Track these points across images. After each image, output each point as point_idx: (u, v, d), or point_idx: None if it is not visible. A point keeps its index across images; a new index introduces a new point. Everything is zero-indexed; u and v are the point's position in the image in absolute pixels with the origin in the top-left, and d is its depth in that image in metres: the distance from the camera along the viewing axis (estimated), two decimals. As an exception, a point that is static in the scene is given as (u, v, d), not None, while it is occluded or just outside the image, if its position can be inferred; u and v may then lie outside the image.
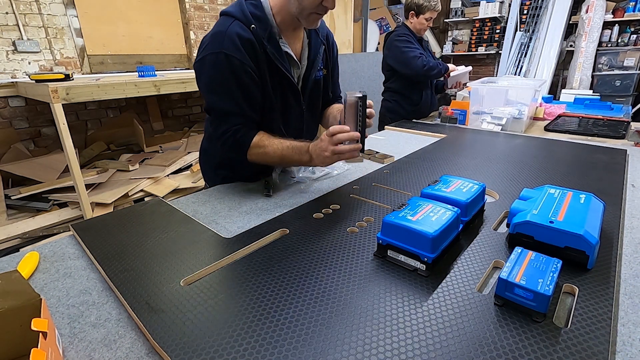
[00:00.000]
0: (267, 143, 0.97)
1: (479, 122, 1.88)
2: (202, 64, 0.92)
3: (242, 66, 0.90)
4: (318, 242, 0.73)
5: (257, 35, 0.92)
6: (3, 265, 0.71)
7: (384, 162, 1.28)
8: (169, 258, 0.69)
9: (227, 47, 0.89)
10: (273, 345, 0.48)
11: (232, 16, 0.92)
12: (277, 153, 0.96)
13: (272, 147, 0.96)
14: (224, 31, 0.90)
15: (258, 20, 0.93)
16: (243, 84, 0.92)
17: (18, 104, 2.87)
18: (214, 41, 0.90)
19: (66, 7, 3.04)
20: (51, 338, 0.45)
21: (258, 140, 0.97)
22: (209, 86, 0.93)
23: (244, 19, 0.92)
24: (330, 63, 1.17)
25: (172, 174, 2.94)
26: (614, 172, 1.11)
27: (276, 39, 0.96)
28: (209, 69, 0.91)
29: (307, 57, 1.06)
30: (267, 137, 0.98)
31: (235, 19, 0.91)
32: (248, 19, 0.92)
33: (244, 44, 0.90)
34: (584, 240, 0.61)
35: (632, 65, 4.56)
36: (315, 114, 1.20)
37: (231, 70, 0.90)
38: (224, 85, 0.92)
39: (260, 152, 0.97)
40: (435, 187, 0.83)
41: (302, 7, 0.91)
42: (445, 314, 0.53)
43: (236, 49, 0.89)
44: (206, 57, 0.91)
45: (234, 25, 0.90)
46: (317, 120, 1.23)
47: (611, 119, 1.89)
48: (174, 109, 3.90)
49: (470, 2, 5.84)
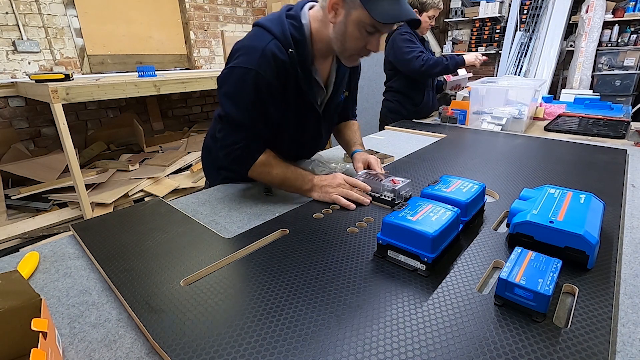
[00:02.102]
0: (273, 164, 0.96)
1: (479, 122, 1.88)
2: (231, 73, 0.88)
3: (269, 87, 0.88)
4: (318, 242, 0.73)
5: (292, 59, 0.89)
6: (3, 265, 0.71)
7: (384, 162, 1.28)
8: (169, 258, 0.69)
9: (261, 66, 0.85)
10: (273, 346, 0.48)
11: (272, 33, 0.88)
12: (280, 176, 0.96)
13: (276, 169, 0.96)
14: (261, 48, 0.86)
15: (297, 44, 0.89)
16: (264, 104, 0.90)
17: (18, 104, 2.87)
18: (249, 55, 0.87)
19: (66, 7, 3.04)
20: (51, 338, 0.45)
21: (264, 159, 0.95)
22: (231, 96, 0.90)
23: (283, 40, 0.88)
24: (352, 85, 1.17)
25: (172, 174, 2.94)
26: (614, 172, 1.11)
27: (309, 67, 0.94)
28: (236, 80, 0.88)
29: (333, 82, 1.05)
30: (273, 157, 0.97)
31: (275, 37, 0.87)
32: (287, 41, 0.88)
33: (278, 66, 0.87)
34: (584, 240, 0.61)
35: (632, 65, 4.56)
36: (329, 130, 1.20)
37: (257, 90, 0.87)
38: (246, 101, 0.89)
39: (264, 171, 0.96)
40: (435, 187, 0.83)
41: (345, 48, 0.89)
42: (445, 314, 0.53)
43: (269, 70, 0.86)
44: (237, 68, 0.87)
45: (272, 44, 0.86)
46: (329, 134, 1.23)
47: (611, 118, 1.89)
48: (174, 109, 3.90)
49: (470, 2, 5.84)
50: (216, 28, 4.17)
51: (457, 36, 6.18)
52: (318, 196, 0.94)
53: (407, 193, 0.92)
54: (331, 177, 0.95)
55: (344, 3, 0.84)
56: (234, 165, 0.97)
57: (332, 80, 1.04)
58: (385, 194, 0.91)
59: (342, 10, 0.84)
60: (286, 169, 0.96)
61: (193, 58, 4.04)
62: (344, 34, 0.87)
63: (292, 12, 0.92)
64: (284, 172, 0.96)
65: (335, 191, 0.92)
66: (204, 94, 4.10)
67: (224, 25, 4.25)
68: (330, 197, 0.92)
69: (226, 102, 0.91)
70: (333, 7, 0.85)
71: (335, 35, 0.88)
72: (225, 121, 0.92)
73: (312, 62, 0.95)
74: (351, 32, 0.86)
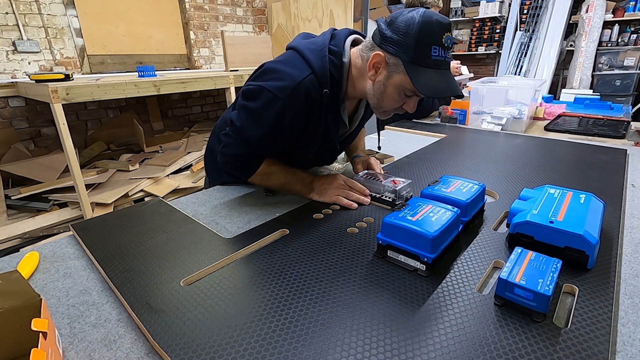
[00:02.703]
0: (272, 170, 0.95)
1: (479, 122, 1.88)
2: (260, 91, 0.83)
3: (291, 121, 0.84)
4: (318, 242, 0.73)
5: (325, 99, 0.85)
6: (3, 265, 0.71)
7: (383, 162, 1.28)
8: (169, 258, 0.69)
9: (291, 99, 0.81)
10: (273, 346, 0.48)
11: (311, 67, 0.82)
12: (280, 180, 0.96)
13: (275, 175, 0.95)
14: (296, 81, 0.80)
15: (333, 84, 0.85)
16: (280, 133, 0.87)
17: (18, 104, 2.87)
18: (283, 82, 0.81)
19: (66, 7, 3.04)
20: (51, 338, 0.45)
21: (263, 168, 0.94)
22: (251, 112, 0.85)
23: (321, 78, 0.83)
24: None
25: (172, 174, 2.94)
26: (614, 172, 1.11)
27: (339, 107, 0.91)
28: (261, 101, 0.83)
29: (359, 119, 1.02)
30: (273, 163, 0.96)
31: (314, 73, 0.82)
32: (325, 80, 0.83)
33: (309, 104, 0.84)
34: (584, 240, 0.61)
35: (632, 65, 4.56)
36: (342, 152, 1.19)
37: (279, 119, 0.83)
38: (265, 125, 0.85)
39: (263, 179, 0.95)
40: (435, 187, 0.83)
41: (381, 105, 0.87)
42: (445, 314, 0.53)
43: (297, 106, 0.83)
44: (266, 90, 0.81)
45: (308, 80, 0.81)
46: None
47: (611, 118, 1.89)
48: (174, 109, 3.90)
49: (470, 2, 5.84)
50: (216, 28, 4.17)
51: (457, 36, 6.18)
52: (318, 198, 0.94)
53: (407, 193, 0.92)
54: (331, 178, 0.95)
55: (387, 65, 0.80)
56: (233, 172, 0.96)
57: (359, 118, 1.02)
58: (385, 194, 0.91)
59: (384, 72, 0.81)
60: (285, 173, 0.96)
61: (193, 58, 4.04)
62: (382, 94, 0.84)
63: (335, 47, 0.86)
64: (284, 177, 0.96)
65: (335, 192, 0.92)
66: (204, 94, 4.11)
67: (224, 25, 4.25)
68: (330, 198, 0.92)
69: (244, 115, 0.87)
70: (374, 66, 0.81)
71: (372, 92, 0.85)
72: (236, 132, 0.88)
73: (343, 101, 0.92)
74: (390, 93, 0.83)
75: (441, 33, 0.76)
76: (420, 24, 0.74)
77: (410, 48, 0.76)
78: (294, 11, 3.91)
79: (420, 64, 0.77)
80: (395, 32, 0.77)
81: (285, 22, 4.04)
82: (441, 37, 0.76)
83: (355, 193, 0.93)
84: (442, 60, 0.78)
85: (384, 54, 0.80)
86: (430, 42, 0.75)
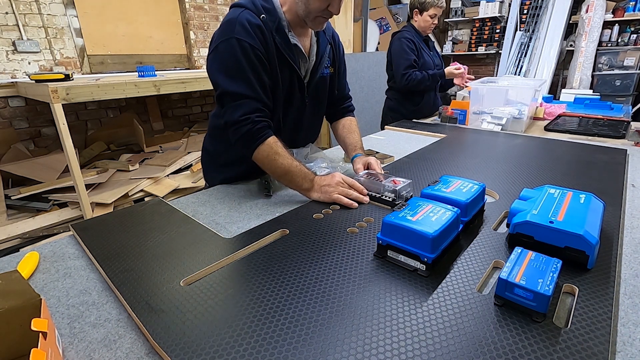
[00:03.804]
0: (281, 152, 0.96)
1: (479, 122, 1.88)
2: (215, 52, 0.94)
3: (252, 50, 0.93)
4: (318, 242, 0.73)
5: (266, 24, 0.95)
6: (3, 265, 0.71)
7: (383, 162, 1.28)
8: (169, 258, 0.69)
9: (238, 32, 0.91)
10: (273, 346, 0.48)
11: (242, 6, 0.95)
12: (285, 166, 0.95)
13: (282, 159, 0.95)
14: (234, 18, 0.92)
15: (268, 12, 0.96)
16: (255, 68, 0.94)
17: (18, 104, 2.87)
18: (225, 29, 0.93)
19: (66, 7, 3.04)
20: (51, 338, 0.45)
21: (273, 142, 0.95)
22: (223, 71, 0.94)
23: (254, 9, 0.95)
24: (337, 62, 1.19)
25: (172, 174, 2.94)
26: (614, 172, 1.11)
27: (284, 31, 0.99)
28: (222, 54, 0.93)
29: (315, 53, 1.08)
30: (281, 146, 0.97)
31: (246, 8, 0.94)
32: (258, 9, 0.95)
33: (254, 29, 0.93)
34: (584, 240, 0.61)
35: (632, 65, 4.56)
36: (319, 111, 1.21)
37: (243, 54, 0.92)
38: (238, 69, 0.93)
39: (270, 157, 0.95)
40: (435, 187, 0.83)
41: (309, 10, 0.94)
42: (445, 314, 0.53)
43: (247, 34, 0.92)
44: (219, 45, 0.93)
45: (244, 12, 0.93)
46: (320, 118, 1.24)
47: (611, 118, 1.89)
48: (174, 109, 3.90)
49: (470, 2, 5.84)
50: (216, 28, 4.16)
51: (457, 36, 6.18)
52: (317, 196, 0.94)
53: (407, 193, 0.92)
54: (330, 177, 0.96)
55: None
56: (241, 144, 0.96)
57: (314, 51, 1.08)
58: (386, 194, 0.91)
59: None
60: (291, 162, 0.96)
61: (193, 58, 4.04)
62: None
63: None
64: (289, 165, 0.95)
65: (335, 190, 0.92)
66: (204, 94, 4.10)
67: (224, 25, 4.24)
68: (330, 197, 0.92)
69: (219, 78, 0.95)
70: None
71: (299, 1, 0.94)
72: (228, 99, 0.95)
73: (289, 30, 1.00)
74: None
75: None
76: None
77: None
78: (294, 11, 3.90)
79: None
80: None
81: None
82: None
83: (355, 192, 0.93)
84: None
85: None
86: None
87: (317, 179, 0.96)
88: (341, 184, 0.94)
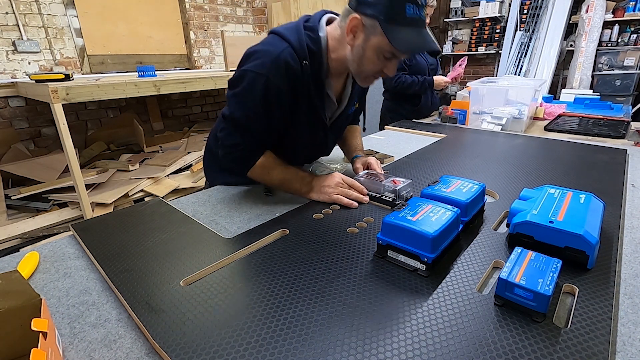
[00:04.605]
0: (272, 166, 0.96)
1: (479, 122, 1.88)
2: (243, 75, 0.86)
3: (278, 95, 0.86)
4: (318, 242, 0.73)
5: (305, 71, 0.87)
6: (3, 265, 0.71)
7: (383, 162, 1.28)
8: (169, 258, 0.69)
9: (272, 72, 0.83)
10: (273, 346, 0.48)
11: (287, 41, 0.85)
12: (279, 177, 0.96)
13: (275, 171, 0.96)
14: (275, 54, 0.83)
15: (312, 55, 0.87)
16: (271, 113, 0.89)
17: (18, 104, 2.87)
18: (262, 60, 0.84)
19: (66, 7, 3.04)
20: (51, 338, 0.45)
21: (264, 161, 0.95)
22: (239, 98, 0.89)
23: (299, 49, 0.85)
24: (364, 96, 1.16)
25: (172, 174, 2.94)
26: (614, 172, 1.11)
27: (322, 80, 0.92)
28: (245, 83, 0.86)
29: (348, 96, 1.04)
30: (273, 159, 0.96)
31: (290, 45, 0.85)
32: (303, 51, 0.85)
33: (290, 74, 0.85)
34: (584, 240, 0.61)
35: (632, 65, 4.55)
36: (337, 139, 1.20)
37: (266, 96, 0.85)
38: (254, 106, 0.87)
39: (263, 173, 0.96)
40: (435, 187, 0.83)
41: (361, 70, 0.88)
42: (445, 314, 0.53)
43: (281, 78, 0.84)
44: (248, 72, 0.85)
45: (286, 51, 0.84)
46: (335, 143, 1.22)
47: (611, 118, 1.89)
48: (174, 109, 3.90)
49: (470, 2, 5.84)
50: (216, 28, 4.17)
51: (457, 36, 6.18)
52: (317, 197, 0.94)
53: (407, 193, 0.92)
54: (329, 178, 0.96)
55: (364, 28, 0.81)
56: (232, 165, 0.97)
57: (347, 95, 1.03)
58: (386, 194, 0.91)
59: (362, 35, 0.82)
60: (285, 170, 0.96)
61: (193, 58, 4.04)
62: (362, 58, 0.85)
63: (310, 23, 0.89)
64: (284, 174, 0.96)
65: (335, 191, 0.92)
66: (204, 94, 4.11)
67: (224, 25, 4.25)
68: (330, 198, 0.92)
69: (233, 102, 0.89)
70: (352, 30, 0.83)
71: (352, 58, 0.87)
72: (229, 121, 0.91)
73: (327, 76, 0.93)
74: (369, 56, 0.84)
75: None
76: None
77: (385, 7, 0.77)
78: (294, 11, 3.91)
79: (396, 23, 0.78)
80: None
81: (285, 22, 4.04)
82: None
83: (355, 192, 0.93)
84: (417, 18, 0.79)
85: (360, 17, 0.81)
86: (403, 0, 0.77)
87: (317, 179, 0.96)
88: (341, 184, 0.94)
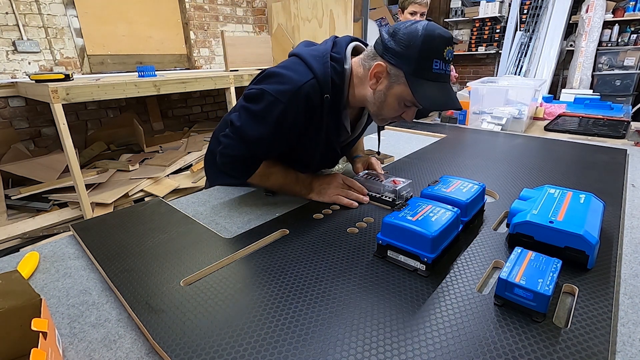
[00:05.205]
0: (271, 172, 0.95)
1: (479, 122, 1.88)
2: (262, 95, 0.83)
3: (291, 125, 0.84)
4: (318, 242, 0.73)
5: (325, 105, 0.85)
6: (3, 265, 0.71)
7: (383, 162, 1.28)
8: (169, 258, 0.69)
9: (291, 103, 0.81)
10: (273, 346, 0.48)
11: (313, 72, 0.82)
12: (279, 181, 0.96)
13: (274, 176, 0.95)
14: (298, 85, 0.80)
15: (335, 88, 0.85)
16: (280, 136, 0.86)
17: (18, 104, 2.87)
18: (284, 86, 0.81)
19: (66, 7, 3.04)
20: (51, 338, 0.45)
21: (263, 168, 0.94)
22: (252, 114, 0.85)
23: (323, 83, 0.82)
24: None
25: (172, 174, 2.94)
26: (614, 172, 1.11)
27: (340, 113, 0.91)
28: (263, 104, 0.83)
29: (362, 126, 1.03)
30: (272, 164, 0.96)
31: (316, 78, 0.82)
32: (327, 85, 0.83)
33: (309, 108, 0.83)
34: (584, 240, 0.61)
35: (632, 65, 4.56)
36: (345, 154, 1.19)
37: (280, 123, 0.83)
38: (264, 126, 0.85)
39: (262, 180, 0.95)
40: (435, 187, 0.83)
41: (380, 113, 0.87)
42: (445, 314, 0.53)
43: (297, 110, 0.82)
44: (268, 94, 0.82)
45: (309, 85, 0.81)
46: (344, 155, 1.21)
47: (611, 118, 1.89)
48: (174, 109, 3.90)
49: (470, 2, 5.84)
50: (216, 28, 4.17)
51: (457, 36, 6.18)
52: (317, 198, 0.94)
53: (407, 193, 0.92)
54: (330, 178, 0.95)
55: (389, 75, 0.80)
56: (232, 172, 0.94)
57: (362, 125, 1.03)
58: (386, 194, 0.91)
59: (385, 81, 0.81)
60: (285, 174, 0.96)
61: (193, 58, 4.04)
62: (382, 103, 0.84)
63: (337, 54, 0.86)
64: (283, 178, 0.96)
65: (334, 191, 0.92)
66: (204, 94, 4.11)
67: (224, 25, 4.25)
68: (330, 198, 0.92)
69: (245, 116, 0.86)
70: (376, 75, 0.82)
71: (373, 101, 0.86)
72: (235, 132, 0.88)
73: (345, 107, 0.92)
74: (390, 103, 0.83)
75: (443, 47, 0.76)
76: (423, 37, 0.74)
77: (412, 61, 0.76)
78: (294, 11, 3.91)
79: (421, 76, 0.77)
80: (397, 44, 0.77)
81: (285, 22, 4.04)
82: (443, 50, 0.76)
83: (355, 192, 0.93)
84: (442, 73, 0.78)
85: (385, 65, 0.80)
86: (432, 56, 0.76)
87: (317, 180, 0.96)
88: (341, 185, 0.94)
